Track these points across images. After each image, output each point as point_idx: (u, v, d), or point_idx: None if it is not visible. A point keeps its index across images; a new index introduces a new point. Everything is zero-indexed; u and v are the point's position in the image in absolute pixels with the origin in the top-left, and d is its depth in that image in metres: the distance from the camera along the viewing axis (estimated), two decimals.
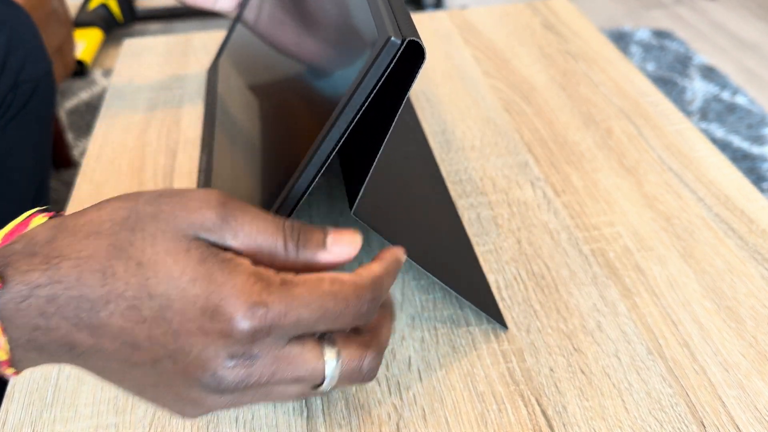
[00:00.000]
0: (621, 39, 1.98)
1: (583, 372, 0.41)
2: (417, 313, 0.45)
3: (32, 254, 0.25)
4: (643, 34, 2.01)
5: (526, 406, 0.39)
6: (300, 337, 0.26)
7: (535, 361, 0.42)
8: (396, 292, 0.46)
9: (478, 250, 0.50)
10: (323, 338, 0.28)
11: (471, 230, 0.51)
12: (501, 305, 0.45)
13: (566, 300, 0.46)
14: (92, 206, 0.27)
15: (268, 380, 0.26)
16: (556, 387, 0.40)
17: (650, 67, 1.84)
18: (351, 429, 0.38)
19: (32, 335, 0.25)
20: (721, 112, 1.63)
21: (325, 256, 0.27)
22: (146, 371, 0.26)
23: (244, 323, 0.24)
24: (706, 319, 0.44)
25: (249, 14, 0.61)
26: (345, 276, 0.27)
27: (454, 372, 0.41)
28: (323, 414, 0.39)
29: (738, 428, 0.38)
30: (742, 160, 1.48)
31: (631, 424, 0.38)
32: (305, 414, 0.39)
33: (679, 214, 0.52)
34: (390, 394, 0.40)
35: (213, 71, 0.68)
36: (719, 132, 1.57)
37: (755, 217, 0.52)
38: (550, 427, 0.38)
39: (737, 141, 1.53)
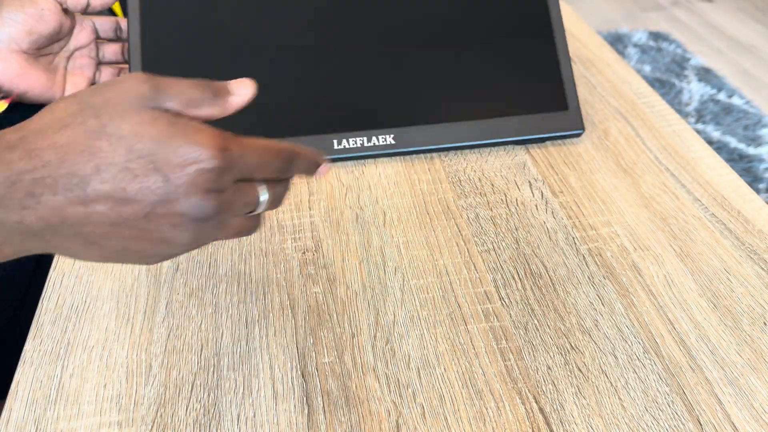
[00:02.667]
0: (618, 41, 1.99)
1: (580, 370, 0.41)
2: (416, 311, 0.45)
3: (11, 148, 0.29)
4: (640, 36, 2.02)
5: (523, 403, 0.40)
6: (245, 180, 0.33)
7: (533, 359, 0.42)
8: (396, 290, 0.47)
9: (477, 249, 0.50)
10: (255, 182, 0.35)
11: (469, 230, 0.52)
12: (499, 304, 0.46)
13: (563, 299, 0.46)
14: (39, 113, 0.30)
15: (228, 209, 0.32)
16: (554, 385, 0.41)
17: (647, 68, 1.85)
18: (351, 426, 0.39)
19: (22, 215, 0.29)
20: (717, 114, 1.64)
21: (236, 100, 0.34)
22: (132, 224, 0.30)
23: (215, 161, 0.30)
24: (703, 318, 0.44)
25: None
26: (278, 143, 0.34)
27: (453, 370, 0.42)
28: (324, 411, 0.39)
29: (734, 426, 0.38)
30: (739, 161, 1.49)
31: (628, 422, 0.38)
32: (306, 411, 0.40)
33: (676, 215, 0.53)
34: (389, 391, 0.41)
35: None
36: (716, 133, 1.57)
37: (751, 218, 0.52)
38: (548, 424, 0.38)
39: (734, 142, 1.54)
